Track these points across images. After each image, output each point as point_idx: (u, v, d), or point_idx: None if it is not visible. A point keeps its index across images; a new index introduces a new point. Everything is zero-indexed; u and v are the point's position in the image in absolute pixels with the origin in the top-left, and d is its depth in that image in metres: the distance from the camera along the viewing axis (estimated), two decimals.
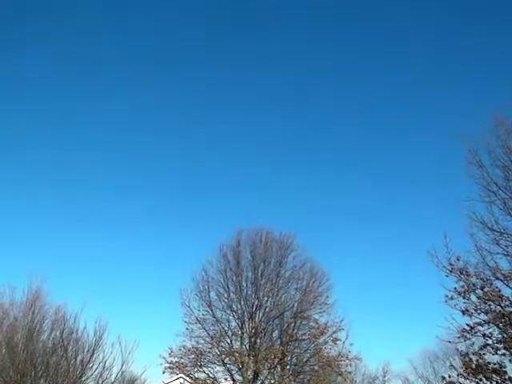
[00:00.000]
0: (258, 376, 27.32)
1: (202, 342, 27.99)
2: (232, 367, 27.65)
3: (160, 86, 65.94)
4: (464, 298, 16.25)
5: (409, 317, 59.29)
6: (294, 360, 28.85)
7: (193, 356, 27.37)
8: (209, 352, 27.61)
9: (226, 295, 28.73)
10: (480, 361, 15.61)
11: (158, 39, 64.85)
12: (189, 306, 28.38)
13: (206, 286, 28.96)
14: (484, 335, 15.78)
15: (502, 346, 15.31)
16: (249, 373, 27.14)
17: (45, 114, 62.19)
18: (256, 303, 28.38)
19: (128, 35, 63.97)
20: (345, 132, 65.44)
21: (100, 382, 26.76)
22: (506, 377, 15.30)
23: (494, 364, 15.59)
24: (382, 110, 62.22)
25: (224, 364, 27.65)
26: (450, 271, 16.77)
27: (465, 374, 15.77)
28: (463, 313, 16.22)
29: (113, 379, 27.06)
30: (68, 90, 63.65)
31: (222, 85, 65.87)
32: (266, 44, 65.00)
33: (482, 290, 16.10)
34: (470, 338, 16.05)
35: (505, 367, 15.51)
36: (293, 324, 28.50)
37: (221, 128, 64.81)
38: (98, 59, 59.70)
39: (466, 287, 16.37)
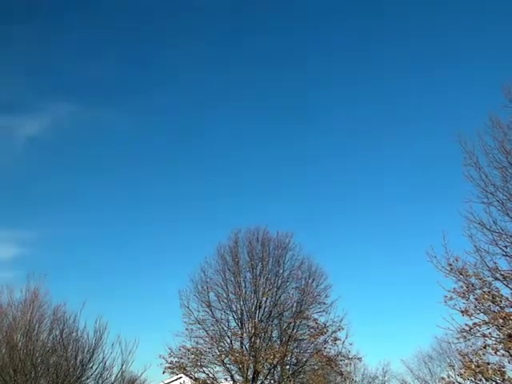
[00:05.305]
0: (257, 376, 27.32)
1: (202, 342, 28.00)
2: (232, 367, 27.64)
3: None
4: (463, 298, 16.33)
5: (407, 317, 59.44)
6: (293, 360, 28.80)
7: (193, 356, 27.34)
8: (209, 352, 27.60)
9: (225, 295, 28.71)
10: (480, 361, 15.67)
11: None
12: (188, 307, 28.44)
13: (205, 287, 29.00)
14: (483, 335, 15.86)
15: (501, 346, 15.38)
16: (249, 373, 27.13)
17: None
18: (255, 303, 28.35)
19: None
20: (343, 131, 65.60)
21: (100, 382, 26.70)
22: (506, 377, 15.38)
23: (494, 364, 15.65)
24: (381, 109, 62.30)
25: (224, 364, 27.62)
26: (449, 271, 16.86)
27: (465, 375, 15.82)
28: (462, 313, 16.30)
29: (113, 379, 26.94)
30: None
31: (221, 85, 65.99)
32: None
33: (481, 290, 16.17)
34: (469, 339, 16.12)
35: (504, 367, 15.58)
36: (292, 324, 28.47)
37: (220, 128, 65.03)
38: None
39: (465, 287, 16.45)
